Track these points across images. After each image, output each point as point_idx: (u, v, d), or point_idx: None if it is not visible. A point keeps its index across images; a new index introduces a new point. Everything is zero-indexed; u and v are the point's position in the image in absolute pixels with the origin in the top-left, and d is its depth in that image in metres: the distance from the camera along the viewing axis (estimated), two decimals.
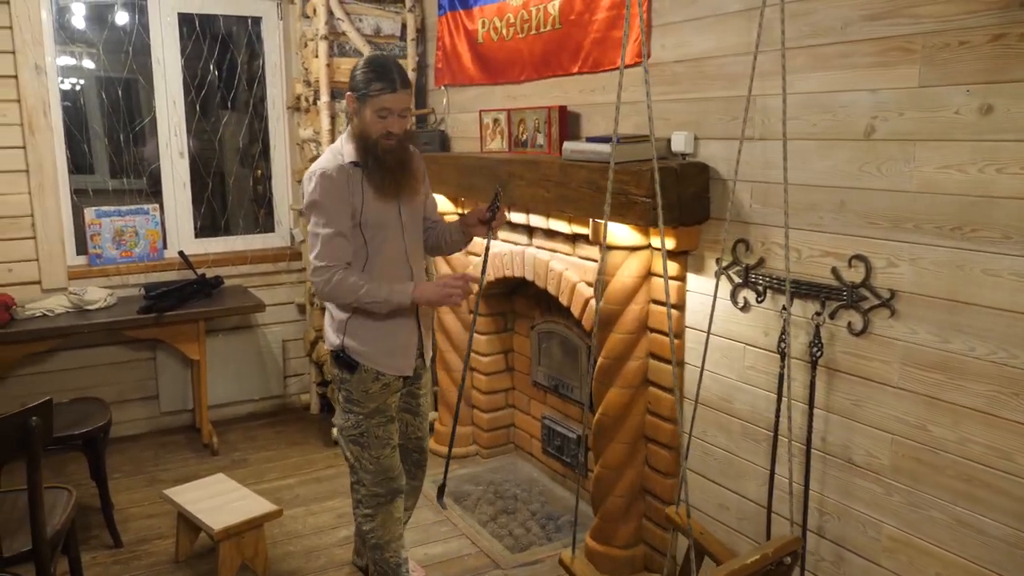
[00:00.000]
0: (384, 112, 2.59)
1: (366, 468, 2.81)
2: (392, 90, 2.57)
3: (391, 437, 2.81)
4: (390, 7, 4.58)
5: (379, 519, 2.86)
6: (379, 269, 2.71)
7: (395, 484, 2.86)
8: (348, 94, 2.64)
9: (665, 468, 3.07)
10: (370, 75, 2.58)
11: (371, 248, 2.69)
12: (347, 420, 2.80)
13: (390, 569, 2.91)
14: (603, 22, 3.18)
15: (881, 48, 2.17)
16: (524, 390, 4.28)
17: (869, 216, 2.27)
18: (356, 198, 2.64)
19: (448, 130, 4.47)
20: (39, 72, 4.22)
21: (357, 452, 2.81)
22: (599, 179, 2.82)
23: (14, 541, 2.47)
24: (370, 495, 2.84)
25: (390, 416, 2.81)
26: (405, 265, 2.79)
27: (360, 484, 2.84)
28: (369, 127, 2.61)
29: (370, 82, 2.57)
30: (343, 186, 2.62)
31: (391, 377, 2.77)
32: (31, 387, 4.40)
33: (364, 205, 2.65)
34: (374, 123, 2.60)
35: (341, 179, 2.62)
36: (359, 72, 2.61)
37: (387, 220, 2.71)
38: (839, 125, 2.32)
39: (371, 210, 2.67)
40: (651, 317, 3.03)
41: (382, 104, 2.58)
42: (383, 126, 2.60)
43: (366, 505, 2.85)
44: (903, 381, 2.23)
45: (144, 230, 4.66)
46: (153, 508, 3.81)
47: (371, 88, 2.57)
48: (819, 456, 2.51)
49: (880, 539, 2.35)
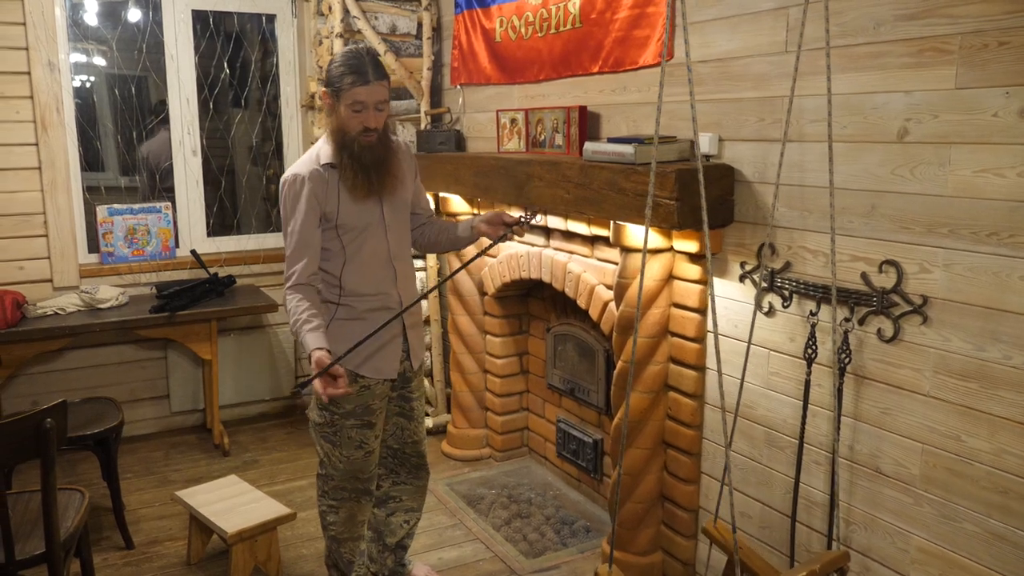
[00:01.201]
0: (358, 106, 2.50)
1: (335, 465, 2.76)
2: (365, 82, 2.48)
3: (366, 441, 2.73)
4: (406, 5, 4.54)
5: (342, 514, 2.82)
6: (359, 271, 2.65)
7: (363, 486, 2.81)
8: (322, 90, 2.56)
9: (685, 474, 3.02)
10: (342, 68, 2.49)
11: (349, 251, 2.63)
12: (322, 417, 2.72)
13: (343, 563, 2.88)
14: (625, 21, 3.13)
15: (916, 49, 2.12)
16: (539, 393, 4.24)
17: (901, 220, 2.21)
18: (331, 201, 2.56)
19: (464, 130, 4.43)
20: (52, 69, 4.20)
21: (328, 449, 2.75)
22: (621, 180, 2.77)
23: (27, 544, 2.44)
24: (336, 488, 2.79)
25: (369, 421, 2.71)
26: (388, 265, 2.71)
27: (328, 477, 2.79)
28: (345, 123, 2.52)
29: (343, 75, 2.48)
30: (313, 190, 2.54)
31: (372, 380, 2.69)
32: (42, 386, 4.38)
33: (340, 207, 2.58)
34: (350, 118, 2.51)
35: (313, 183, 2.54)
36: (332, 66, 2.53)
37: (367, 221, 2.64)
38: (870, 127, 2.27)
39: (348, 212, 2.59)
40: (672, 321, 2.98)
41: (355, 97, 2.49)
42: (359, 121, 2.52)
43: (331, 496, 2.81)
44: (935, 390, 2.18)
45: (156, 228, 4.63)
46: (164, 509, 3.78)
47: (344, 82, 2.48)
48: (845, 465, 2.46)
49: (909, 550, 2.30)
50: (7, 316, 3.84)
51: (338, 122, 2.54)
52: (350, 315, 2.67)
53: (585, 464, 3.82)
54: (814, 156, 2.44)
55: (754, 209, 2.67)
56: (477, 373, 4.33)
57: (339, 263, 2.64)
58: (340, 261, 2.64)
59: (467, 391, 4.35)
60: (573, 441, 3.90)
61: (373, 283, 2.68)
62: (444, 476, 4.14)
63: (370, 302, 2.69)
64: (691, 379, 2.94)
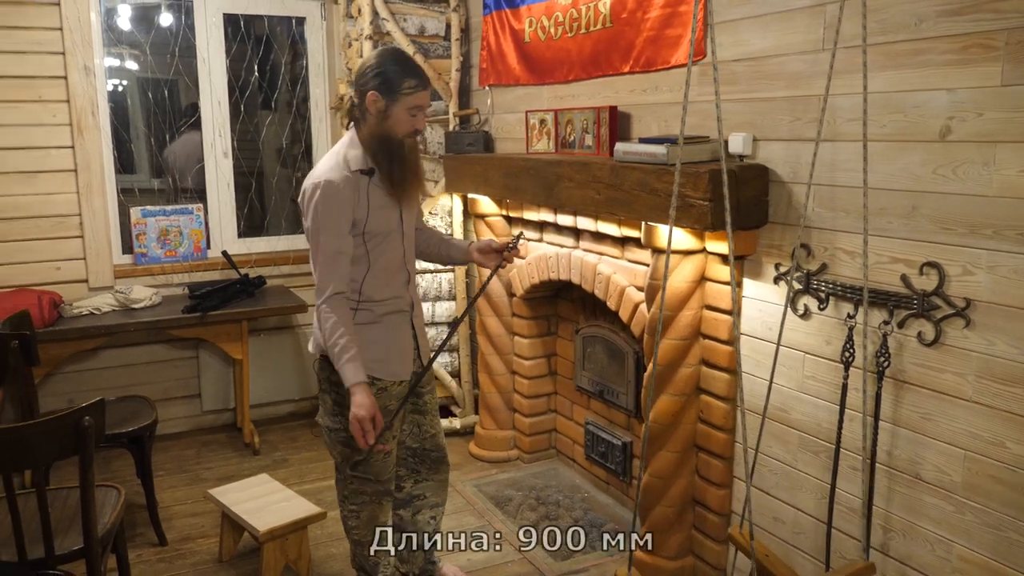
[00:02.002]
0: (415, 110, 2.52)
1: (355, 468, 2.75)
2: (424, 87, 2.52)
3: (385, 442, 2.69)
4: (435, 7, 4.55)
5: (364, 517, 2.81)
6: (379, 277, 2.64)
7: (383, 487, 2.80)
8: (372, 93, 2.49)
9: (717, 479, 3.00)
10: (399, 71, 2.48)
11: (372, 257, 2.61)
12: (337, 423, 2.71)
13: (368, 566, 2.87)
14: (656, 20, 3.11)
15: (959, 45, 2.08)
16: (567, 395, 4.22)
17: (943, 221, 2.18)
18: (361, 207, 2.54)
19: (492, 131, 4.42)
20: (88, 73, 4.25)
21: (346, 454, 2.73)
22: (653, 181, 2.75)
23: (65, 539, 2.47)
24: (355, 492, 2.78)
25: (387, 422, 2.67)
26: (403, 269, 2.72)
27: (348, 481, 2.78)
28: (398, 126, 2.52)
29: (402, 79, 2.48)
30: (348, 197, 2.50)
31: (388, 382, 2.69)
32: (77, 384, 4.44)
33: (370, 213, 2.55)
34: (404, 122, 2.52)
35: (347, 190, 2.50)
36: (385, 68, 2.49)
37: (390, 226, 2.63)
38: (911, 126, 2.23)
39: (376, 218, 2.57)
40: (705, 323, 2.95)
41: (416, 102, 2.51)
42: (412, 124, 2.54)
43: (351, 501, 2.80)
44: (978, 395, 2.14)
45: (188, 230, 4.67)
46: (196, 507, 3.81)
47: (404, 86, 2.48)
48: (884, 471, 2.43)
49: (950, 559, 2.26)
50: (44, 316, 3.89)
51: (387, 124, 2.52)
52: (367, 319, 2.65)
53: (614, 467, 3.79)
54: (850, 156, 2.41)
55: (789, 210, 2.64)
56: (505, 374, 4.33)
57: (362, 270, 2.61)
58: (364, 268, 2.61)
59: (495, 392, 4.34)
60: (602, 443, 3.88)
61: (390, 287, 2.68)
62: (472, 477, 4.14)
63: (387, 306, 2.69)
64: (723, 382, 2.91)
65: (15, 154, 4.18)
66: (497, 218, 4.14)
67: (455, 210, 4.64)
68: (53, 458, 2.35)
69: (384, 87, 2.48)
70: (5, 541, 2.38)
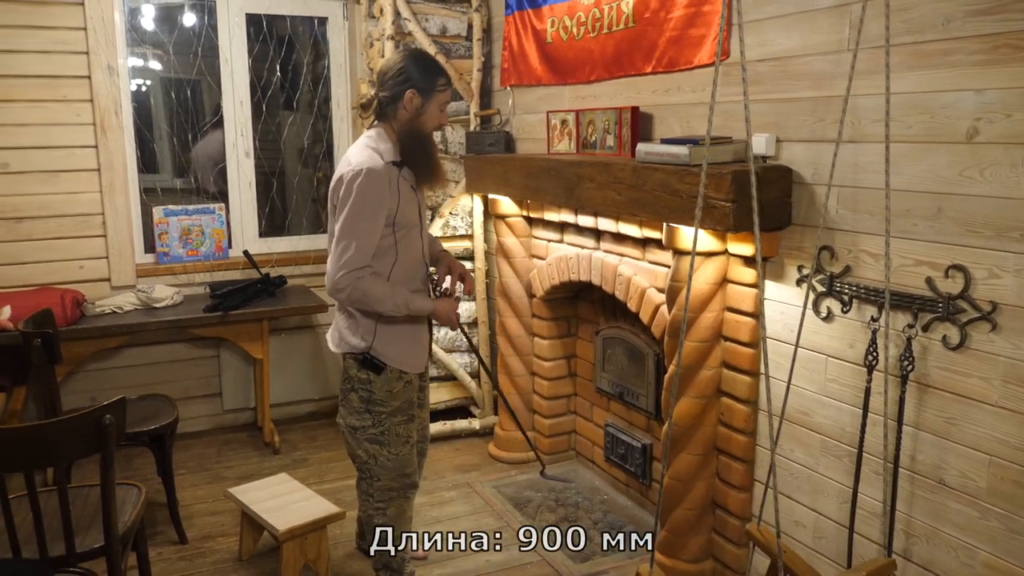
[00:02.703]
0: (444, 106, 2.73)
1: (383, 465, 2.83)
2: (451, 85, 2.74)
3: (411, 435, 2.85)
4: (456, 7, 4.55)
5: (391, 512, 2.90)
6: (407, 270, 2.75)
7: (409, 480, 2.90)
8: (410, 91, 2.63)
9: (738, 481, 2.97)
10: (431, 71, 2.66)
11: (400, 248, 2.71)
12: (365, 420, 2.79)
13: (395, 562, 2.96)
14: (679, 20, 3.09)
15: (988, 45, 2.05)
16: (587, 396, 4.21)
17: (969, 224, 2.15)
18: (393, 198, 2.63)
19: (513, 131, 4.42)
20: (111, 73, 4.29)
21: (375, 451, 2.81)
22: (675, 182, 2.73)
23: (87, 537, 2.48)
24: (384, 489, 2.87)
25: (411, 415, 2.84)
26: (422, 262, 2.84)
27: (374, 479, 2.86)
28: (429, 121, 2.69)
29: (435, 77, 2.66)
30: (386, 187, 2.60)
31: (412, 375, 2.83)
32: (99, 382, 4.47)
33: (400, 204, 2.66)
34: (434, 117, 2.70)
35: (386, 179, 2.61)
36: (417, 70, 2.64)
37: (414, 219, 2.74)
38: (937, 127, 2.20)
39: (404, 210, 2.68)
40: (726, 325, 2.93)
41: (445, 99, 2.71)
42: (439, 120, 2.72)
43: (378, 499, 2.88)
44: (1004, 400, 2.11)
45: (210, 229, 4.70)
46: (217, 505, 3.82)
47: (438, 84, 2.66)
48: (907, 475, 2.40)
49: (974, 565, 2.23)
50: (67, 314, 3.93)
51: (420, 120, 2.68)
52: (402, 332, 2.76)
53: (633, 469, 3.78)
54: (875, 157, 2.38)
55: (812, 211, 2.62)
56: (525, 375, 4.32)
57: (390, 261, 2.70)
58: (391, 259, 2.69)
59: (514, 393, 4.33)
60: (621, 445, 3.86)
61: (414, 280, 2.79)
62: (491, 478, 4.13)
63: None
64: (745, 384, 2.89)
65: (39, 153, 4.22)
66: (518, 219, 4.13)
67: (475, 211, 4.64)
68: (75, 456, 2.36)
69: (420, 85, 2.64)
70: (27, 538, 2.39)
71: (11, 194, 4.19)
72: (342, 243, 2.58)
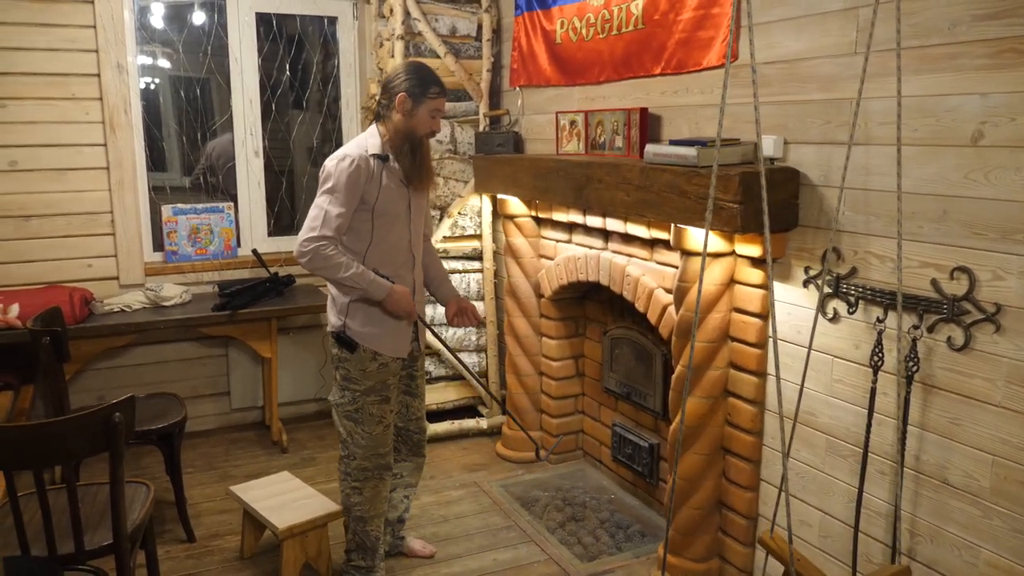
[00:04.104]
0: (436, 112, 2.90)
1: (357, 443, 2.97)
2: (444, 95, 2.92)
3: (384, 416, 2.98)
4: (466, 7, 4.56)
5: (366, 493, 3.02)
6: (384, 253, 2.92)
7: (383, 460, 3.02)
8: (401, 94, 2.84)
9: (744, 481, 2.98)
10: (425, 79, 2.86)
11: (377, 234, 2.90)
12: (343, 396, 2.96)
13: (370, 541, 3.08)
14: (689, 22, 3.10)
15: (994, 50, 2.06)
16: (595, 396, 4.22)
17: (974, 226, 2.15)
18: (372, 187, 2.85)
19: (522, 132, 4.43)
20: (121, 71, 4.31)
21: (351, 427, 2.97)
22: (683, 183, 2.74)
23: (95, 534, 2.50)
24: (359, 468, 3.00)
25: (386, 396, 2.97)
26: (408, 251, 3.01)
27: (350, 458, 3.00)
28: (420, 125, 2.88)
29: (427, 85, 2.86)
30: (362, 174, 2.81)
31: (388, 358, 2.95)
32: (107, 380, 4.50)
33: (380, 193, 2.86)
34: (425, 122, 2.89)
35: (363, 168, 2.82)
36: (411, 76, 2.86)
37: (398, 210, 2.93)
38: (943, 130, 2.21)
39: (385, 199, 2.88)
40: (733, 326, 2.94)
41: (437, 106, 2.90)
42: (432, 125, 2.91)
43: (354, 478, 3.01)
44: (1008, 400, 2.12)
45: (219, 228, 4.72)
46: (225, 504, 3.84)
47: (429, 91, 2.86)
48: (911, 475, 2.40)
49: (977, 564, 2.24)
50: (75, 313, 3.95)
51: (411, 123, 2.88)
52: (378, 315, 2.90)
53: (641, 468, 3.79)
54: (882, 160, 2.39)
55: (819, 213, 2.62)
56: (532, 375, 4.33)
57: (365, 244, 2.90)
58: (366, 242, 2.90)
59: (522, 393, 4.34)
60: (629, 445, 3.87)
61: (394, 266, 2.95)
62: (498, 477, 4.15)
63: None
64: (752, 385, 2.89)
65: (48, 151, 4.25)
66: (526, 219, 4.14)
67: (484, 210, 4.65)
68: (84, 454, 2.38)
69: (412, 90, 2.85)
70: (36, 536, 2.41)
71: (20, 192, 4.22)
72: (312, 213, 2.80)
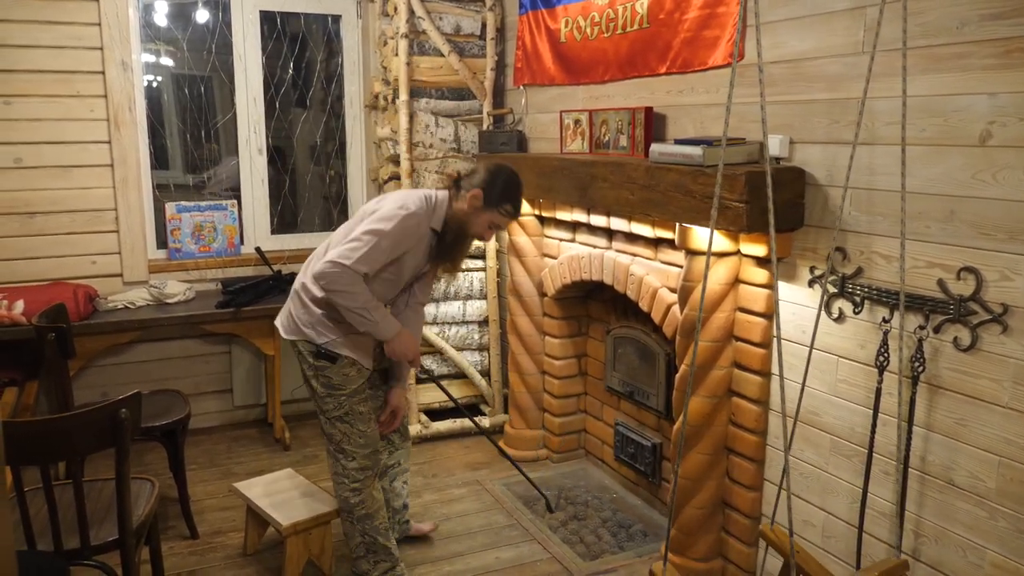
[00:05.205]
0: (494, 226, 2.99)
1: (356, 444, 2.98)
2: (514, 217, 3.00)
3: (371, 413, 3.04)
4: (470, 6, 4.56)
5: (365, 492, 3.04)
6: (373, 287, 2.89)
7: (379, 456, 3.10)
8: (478, 191, 2.88)
9: (748, 481, 2.98)
10: (506, 193, 2.92)
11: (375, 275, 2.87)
12: (327, 403, 2.97)
13: (382, 537, 3.09)
14: (694, 21, 3.10)
15: (1002, 49, 2.06)
16: (597, 395, 4.22)
17: (981, 226, 2.15)
18: (411, 250, 2.91)
19: (526, 130, 4.43)
20: (125, 69, 4.31)
21: (345, 429, 2.97)
22: (688, 182, 2.74)
23: (101, 530, 2.51)
24: (359, 469, 3.00)
25: (367, 396, 3.04)
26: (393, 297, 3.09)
27: (349, 459, 3.00)
28: (476, 226, 2.96)
29: (504, 201, 2.92)
30: (414, 235, 2.86)
31: (362, 365, 3.00)
32: (111, 377, 4.50)
33: (408, 256, 2.91)
34: (481, 227, 2.97)
35: (418, 231, 2.87)
36: (497, 182, 2.90)
37: (404, 274, 2.99)
38: (951, 130, 2.21)
39: (407, 262, 2.93)
40: (737, 325, 2.94)
41: (499, 222, 2.97)
42: (485, 233, 3.00)
43: (352, 479, 3.01)
44: (1014, 401, 2.12)
45: (222, 226, 4.72)
46: (227, 501, 3.85)
47: (502, 207, 2.92)
48: (916, 476, 2.40)
49: (983, 565, 2.24)
50: (79, 309, 3.96)
51: (470, 219, 2.94)
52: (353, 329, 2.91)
53: (643, 468, 3.79)
54: (888, 159, 2.39)
55: (825, 213, 2.62)
56: (535, 374, 4.33)
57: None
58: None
59: (525, 392, 4.35)
60: (631, 444, 3.87)
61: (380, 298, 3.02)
62: (500, 476, 4.15)
63: None
64: (755, 384, 2.89)
65: (52, 148, 4.25)
66: (530, 217, 4.15)
67: None
68: (90, 450, 2.38)
69: (489, 195, 2.90)
70: (42, 531, 2.42)
71: (24, 189, 4.22)
72: (354, 244, 2.76)
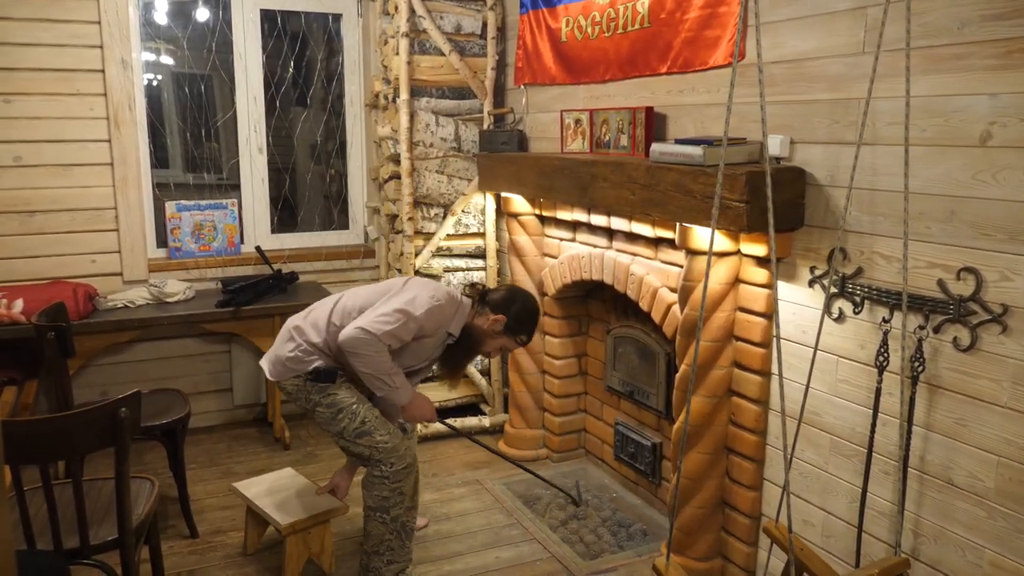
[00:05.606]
0: (505, 350, 3.22)
1: (386, 450, 2.98)
2: (525, 344, 3.20)
3: (379, 414, 3.05)
4: (471, 5, 4.56)
5: (408, 484, 3.05)
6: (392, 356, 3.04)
7: (412, 451, 3.12)
8: (502, 317, 3.08)
9: (748, 480, 2.98)
10: (526, 327, 3.15)
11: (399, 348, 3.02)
12: (343, 423, 2.97)
13: (406, 532, 3.10)
14: (695, 21, 3.10)
15: (1003, 50, 2.06)
16: (597, 395, 4.22)
17: (982, 227, 2.15)
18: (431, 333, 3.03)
19: (527, 130, 4.43)
20: (125, 67, 4.31)
21: (370, 441, 2.97)
22: (689, 182, 2.74)
23: (100, 529, 2.51)
24: (401, 470, 3.00)
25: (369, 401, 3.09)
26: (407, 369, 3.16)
27: (388, 464, 2.98)
28: (488, 344, 3.15)
29: (521, 332, 3.14)
30: (436, 327, 3.02)
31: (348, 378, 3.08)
32: (111, 376, 4.50)
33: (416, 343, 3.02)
34: (494, 348, 3.18)
35: (441, 323, 3.04)
36: (521, 314, 3.11)
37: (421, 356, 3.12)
38: (951, 131, 2.21)
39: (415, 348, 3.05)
40: (737, 325, 2.94)
41: (511, 347, 3.19)
42: (493, 352, 3.22)
43: (393, 480, 3.00)
44: (1013, 401, 2.12)
45: (222, 225, 4.72)
46: (227, 500, 3.85)
47: (518, 336, 3.14)
48: (916, 475, 2.40)
49: (982, 565, 2.24)
50: (79, 308, 3.95)
51: (486, 337, 3.13)
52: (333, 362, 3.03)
53: (643, 467, 3.79)
54: (889, 160, 2.39)
55: (825, 213, 2.62)
56: (535, 373, 4.33)
57: None
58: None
59: (525, 391, 4.35)
60: (631, 444, 3.87)
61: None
62: (500, 476, 4.15)
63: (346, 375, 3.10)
64: (756, 384, 2.90)
65: (52, 147, 4.25)
66: (530, 217, 4.15)
67: (488, 208, 4.65)
68: (90, 449, 2.38)
69: (510, 323, 3.10)
70: (41, 530, 2.42)
71: (24, 187, 4.22)
72: (391, 316, 2.88)
